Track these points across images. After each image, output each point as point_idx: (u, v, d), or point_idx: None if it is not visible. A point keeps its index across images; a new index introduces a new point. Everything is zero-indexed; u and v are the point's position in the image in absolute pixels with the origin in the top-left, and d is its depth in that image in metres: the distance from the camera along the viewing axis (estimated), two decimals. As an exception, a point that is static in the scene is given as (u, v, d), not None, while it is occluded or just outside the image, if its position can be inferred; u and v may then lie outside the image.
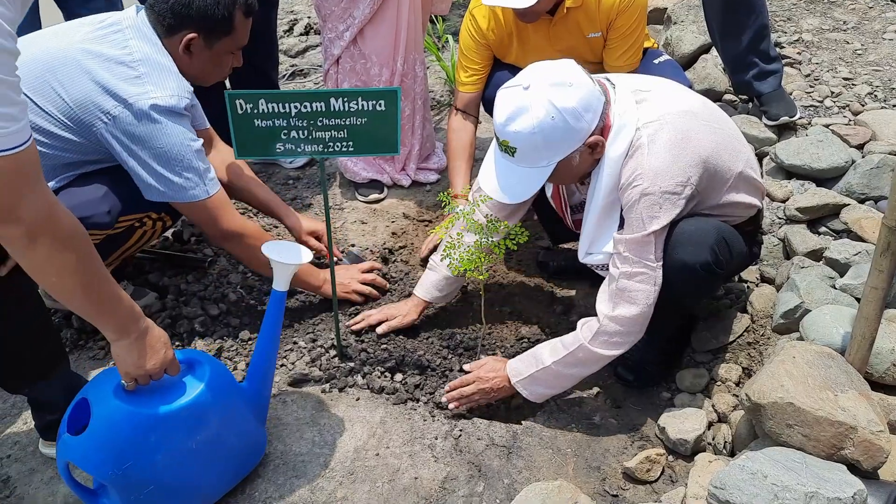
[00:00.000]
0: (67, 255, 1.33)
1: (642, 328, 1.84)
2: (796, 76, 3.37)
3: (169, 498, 1.66)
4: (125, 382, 1.55)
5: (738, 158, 1.90)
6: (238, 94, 1.76)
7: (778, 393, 1.60)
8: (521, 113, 1.71)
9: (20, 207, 1.22)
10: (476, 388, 2.01)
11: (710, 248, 1.79)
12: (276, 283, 1.77)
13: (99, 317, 1.46)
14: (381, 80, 2.87)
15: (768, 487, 1.45)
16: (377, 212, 3.02)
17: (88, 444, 1.54)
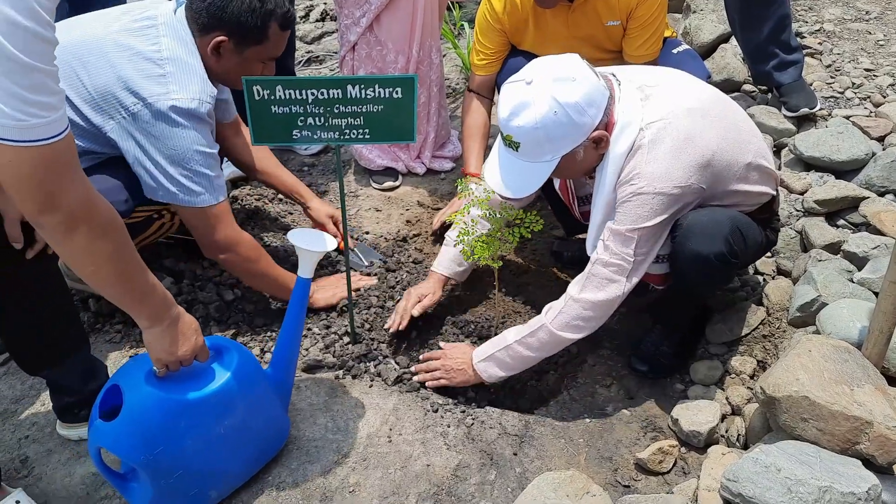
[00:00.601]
0: (105, 244, 1.33)
1: (604, 316, 1.87)
2: (817, 67, 3.33)
3: (197, 482, 1.67)
4: (156, 369, 1.56)
5: (747, 150, 1.88)
6: (255, 80, 1.76)
7: (793, 386, 1.60)
8: (523, 108, 1.70)
9: (60, 196, 1.23)
10: (440, 365, 2.07)
11: (725, 239, 1.78)
12: (301, 270, 1.77)
13: (133, 305, 1.47)
14: (397, 66, 2.86)
15: (782, 481, 1.45)
16: (391, 199, 3.02)
17: (120, 430, 1.55)
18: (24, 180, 1.19)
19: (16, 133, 1.13)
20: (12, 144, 1.14)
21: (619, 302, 1.85)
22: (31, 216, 1.25)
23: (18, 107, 1.11)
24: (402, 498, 1.77)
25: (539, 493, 1.61)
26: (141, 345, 2.24)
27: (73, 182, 1.25)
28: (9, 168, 1.17)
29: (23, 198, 1.22)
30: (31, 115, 1.13)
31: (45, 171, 1.19)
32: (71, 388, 1.85)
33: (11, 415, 2.02)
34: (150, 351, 1.54)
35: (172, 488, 1.63)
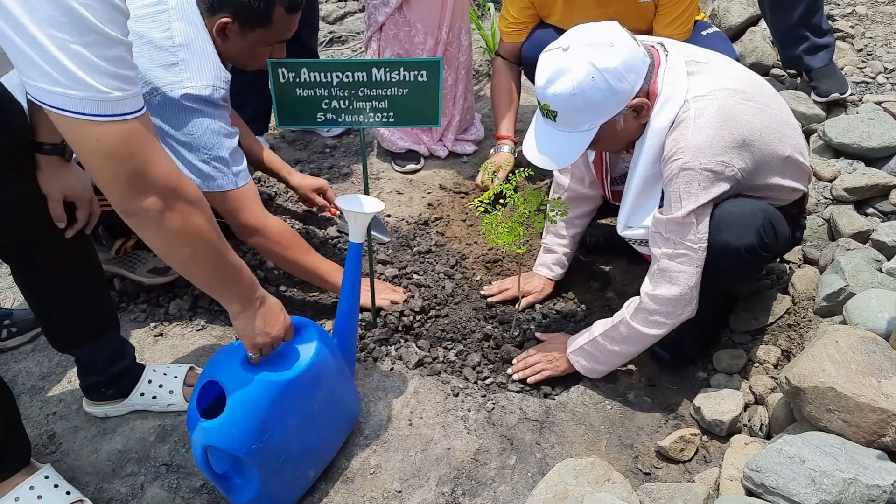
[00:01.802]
0: (199, 220, 1.31)
1: (685, 309, 1.81)
2: (848, 51, 3.26)
3: (298, 464, 1.69)
4: (251, 355, 1.55)
5: (786, 143, 1.85)
6: (280, 62, 1.76)
7: (819, 377, 1.58)
8: (560, 75, 1.68)
9: (149, 172, 1.21)
10: (541, 357, 2.06)
11: (756, 231, 1.76)
12: (352, 235, 1.76)
13: (226, 288, 1.45)
14: (425, 48, 2.84)
15: (806, 472, 1.44)
16: (413, 182, 3.02)
17: (229, 424, 1.52)
18: (114, 158, 1.16)
19: (102, 107, 1.12)
20: (99, 120, 1.12)
21: (695, 293, 1.80)
22: (123, 200, 1.22)
23: (103, 80, 1.10)
24: (422, 480, 1.78)
25: (560, 479, 1.61)
26: (164, 323, 2.27)
27: (161, 156, 1.23)
28: (96, 147, 1.14)
29: (113, 179, 1.19)
30: (116, 89, 1.12)
31: (135, 145, 1.17)
32: (99, 367, 1.88)
33: (39, 391, 2.06)
34: (244, 338, 1.52)
35: (278, 474, 1.63)
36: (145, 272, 2.32)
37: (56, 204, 1.59)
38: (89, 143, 1.14)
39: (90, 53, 1.08)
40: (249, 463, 1.57)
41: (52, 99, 1.10)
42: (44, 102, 1.11)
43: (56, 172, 1.58)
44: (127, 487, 1.78)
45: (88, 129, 1.13)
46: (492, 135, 3.25)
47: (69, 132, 1.15)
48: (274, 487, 1.64)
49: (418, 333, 2.21)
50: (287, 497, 1.71)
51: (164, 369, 1.98)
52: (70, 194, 1.61)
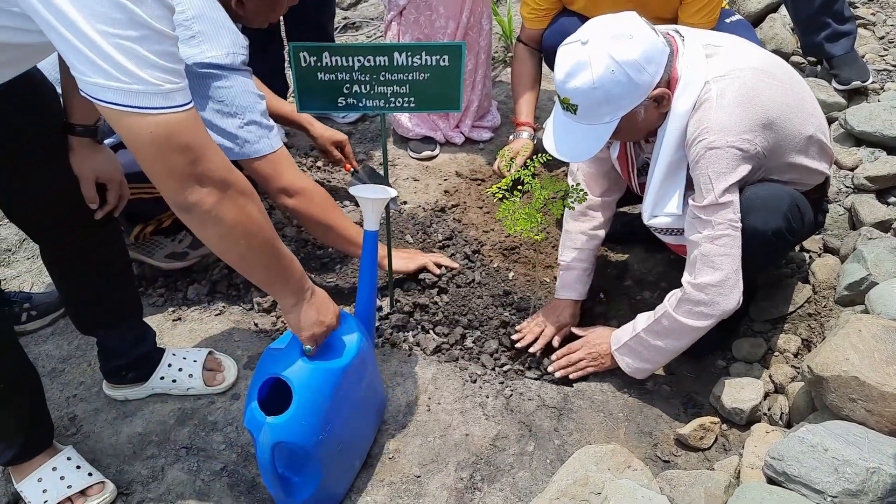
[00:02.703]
0: (253, 211, 1.31)
1: (729, 296, 1.73)
2: (870, 38, 3.22)
3: (350, 452, 1.70)
4: (308, 347, 1.54)
5: (809, 122, 1.83)
6: (302, 46, 1.75)
7: (842, 366, 1.57)
8: (580, 69, 1.67)
9: (205, 162, 1.21)
10: (584, 354, 2.02)
11: (784, 215, 1.74)
12: (367, 223, 1.76)
13: (281, 280, 1.45)
14: (446, 32, 2.83)
15: (828, 461, 1.43)
16: (429, 169, 3.01)
17: (297, 417, 1.51)
18: (168, 151, 1.16)
19: (154, 100, 1.12)
20: (152, 112, 1.13)
21: (738, 277, 1.73)
22: (178, 193, 1.21)
23: (155, 73, 1.11)
24: (441, 465, 1.79)
25: (580, 465, 1.61)
26: (182, 308, 2.28)
27: (214, 148, 1.24)
28: (150, 140, 1.15)
29: (168, 171, 1.19)
30: (167, 81, 1.13)
31: (188, 137, 1.18)
32: (120, 350, 1.89)
33: (59, 374, 2.07)
34: (301, 330, 1.52)
35: (335, 465, 1.64)
36: (163, 257, 2.33)
37: (88, 185, 1.60)
38: (143, 136, 1.14)
39: (142, 48, 1.09)
40: (314, 456, 1.56)
41: (105, 94, 1.11)
42: (97, 98, 1.12)
43: (88, 154, 1.60)
44: (147, 470, 1.79)
45: (142, 122, 1.13)
46: (508, 121, 3.23)
47: (123, 127, 1.15)
48: (331, 480, 1.64)
49: (437, 322, 2.21)
50: (340, 489, 1.71)
51: (184, 353, 1.99)
52: (101, 176, 1.62)
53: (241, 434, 1.87)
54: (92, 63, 1.08)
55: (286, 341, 1.61)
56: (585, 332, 2.09)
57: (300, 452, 1.55)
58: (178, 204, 1.23)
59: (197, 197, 1.22)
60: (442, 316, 2.22)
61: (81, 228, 1.65)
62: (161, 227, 2.31)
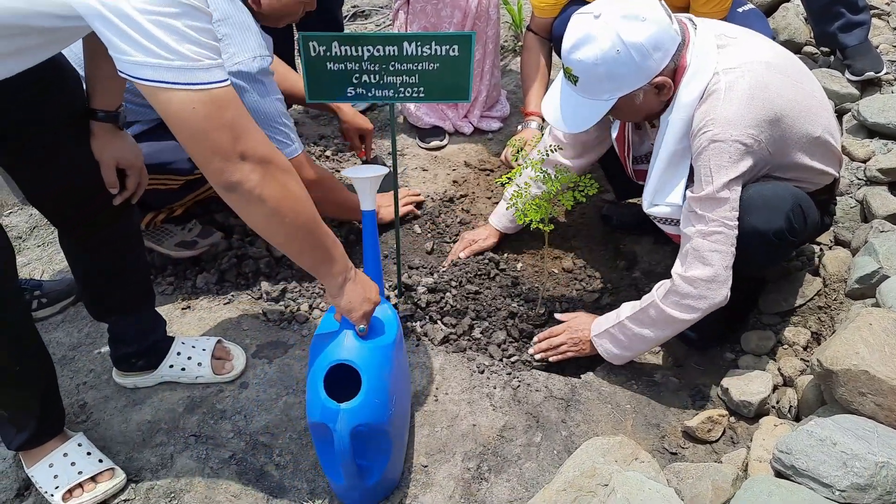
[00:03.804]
0: (296, 188, 1.31)
1: (718, 292, 1.73)
2: (884, 28, 3.18)
3: (404, 428, 1.74)
4: (361, 326, 1.55)
5: (817, 122, 1.81)
6: (312, 35, 1.74)
7: (852, 360, 1.56)
8: (586, 42, 1.66)
9: (247, 138, 1.21)
10: (566, 338, 2.02)
11: (785, 215, 1.73)
12: (364, 204, 1.78)
13: (327, 259, 1.44)
14: (453, 21, 2.81)
15: (837, 455, 1.43)
16: (438, 159, 3.00)
17: (369, 399, 1.52)
18: (211, 127, 1.17)
19: (195, 76, 1.13)
20: (194, 88, 1.14)
21: (728, 274, 1.72)
22: (222, 172, 1.21)
23: (194, 49, 1.12)
24: (448, 455, 1.79)
25: (588, 457, 1.61)
26: (192, 297, 2.28)
27: (253, 125, 1.24)
28: (193, 116, 1.15)
29: (212, 148, 1.19)
30: (206, 57, 1.14)
31: (231, 113, 1.18)
32: (131, 338, 1.90)
33: (70, 361, 2.08)
34: (352, 310, 1.52)
35: (400, 442, 1.67)
36: (173, 246, 2.34)
37: (109, 170, 1.62)
38: (185, 112, 1.15)
39: (180, 23, 1.10)
40: (387, 433, 1.58)
41: (146, 71, 1.11)
42: (137, 76, 1.12)
43: (110, 140, 1.61)
44: (157, 457, 1.81)
45: (183, 97, 1.14)
46: (517, 111, 3.22)
47: (163, 104, 1.15)
48: (396, 458, 1.66)
49: (444, 311, 2.21)
50: (400, 467, 1.73)
51: (193, 342, 2.00)
52: (122, 161, 1.64)
53: (249, 422, 1.88)
54: (132, 40, 1.09)
55: (330, 327, 1.60)
56: (568, 318, 2.09)
57: (375, 433, 1.55)
58: (222, 183, 1.23)
59: (241, 175, 1.22)
60: (450, 306, 2.21)
61: (101, 214, 1.66)
62: (172, 215, 2.32)
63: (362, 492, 1.62)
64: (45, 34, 1.26)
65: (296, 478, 1.75)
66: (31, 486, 1.75)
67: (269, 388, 1.98)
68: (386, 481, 1.67)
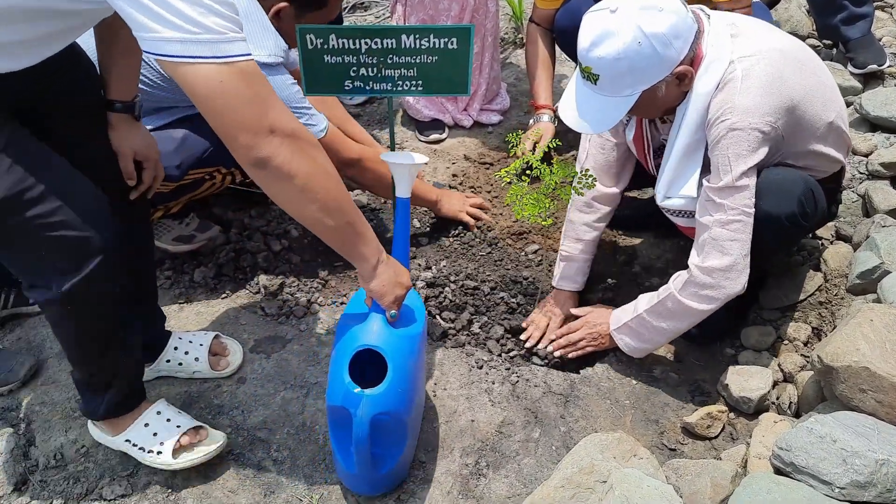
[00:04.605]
0: (324, 161, 1.29)
1: (736, 281, 1.72)
2: (887, 21, 3.16)
3: (417, 423, 1.72)
4: (392, 312, 1.52)
5: (830, 108, 1.81)
6: (309, 28, 1.72)
7: (853, 356, 1.55)
8: (606, 37, 1.63)
9: (273, 111, 1.19)
10: (584, 334, 2.02)
11: (798, 199, 1.72)
12: (399, 190, 1.77)
13: (361, 241, 1.41)
14: (451, 14, 2.79)
15: (837, 452, 1.42)
16: (437, 152, 2.98)
17: (394, 386, 1.50)
18: (239, 99, 1.15)
19: (221, 48, 1.12)
20: (220, 61, 1.13)
21: (746, 262, 1.72)
22: (251, 146, 1.19)
23: (218, 21, 1.12)
24: (446, 451, 1.79)
25: (586, 453, 1.60)
26: (190, 293, 2.27)
27: (278, 98, 1.22)
28: (220, 90, 1.14)
29: (240, 121, 1.17)
30: (230, 30, 1.13)
31: (257, 86, 1.17)
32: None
33: (67, 356, 2.08)
34: (384, 295, 1.49)
35: (414, 430, 1.66)
36: (171, 240, 2.33)
37: (126, 161, 1.61)
38: (213, 86, 1.14)
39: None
40: (405, 424, 1.55)
41: (173, 47, 1.11)
42: (164, 54, 1.12)
43: (127, 131, 1.61)
44: (154, 452, 1.80)
45: (211, 71, 1.13)
46: (517, 105, 3.21)
47: (190, 79, 1.14)
48: (409, 450, 1.65)
49: (443, 306, 2.20)
50: (410, 459, 1.72)
51: (190, 337, 1.99)
52: (139, 153, 1.64)
53: (246, 418, 1.87)
54: (158, 16, 1.08)
55: (359, 309, 1.58)
56: (585, 312, 2.08)
57: (394, 423, 1.53)
58: (251, 159, 1.21)
59: (270, 149, 1.20)
60: (449, 301, 2.20)
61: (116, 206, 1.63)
62: (169, 212, 2.31)
63: (371, 481, 1.61)
64: (66, 18, 1.25)
65: (293, 473, 1.75)
66: (27, 480, 1.74)
67: (266, 382, 1.97)
68: (396, 473, 1.65)
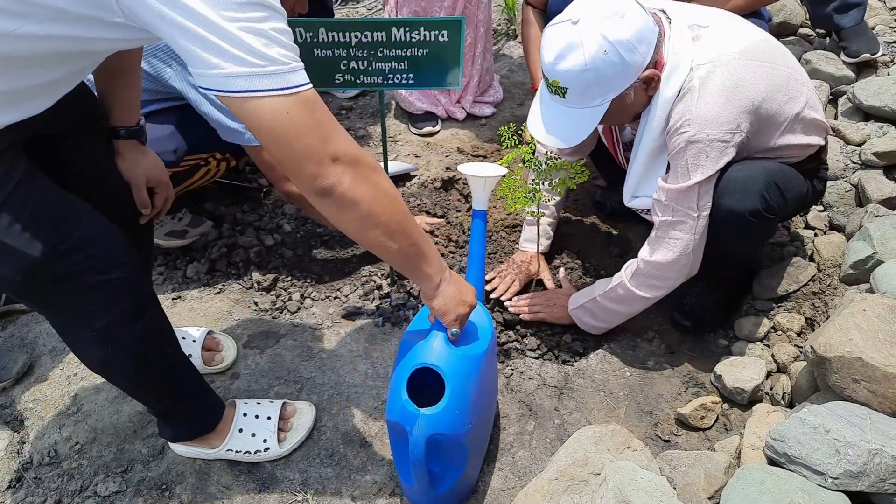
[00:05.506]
0: (387, 185, 1.26)
1: (680, 274, 1.84)
2: (881, 10, 3.16)
3: (483, 438, 1.68)
4: (453, 331, 1.49)
5: (797, 100, 1.79)
6: (297, 21, 1.71)
7: (846, 346, 1.55)
8: (571, 49, 1.61)
9: (335, 139, 1.17)
10: (543, 300, 2.10)
11: (759, 194, 1.73)
12: (476, 202, 1.77)
13: (424, 260, 1.38)
14: (444, 6, 2.77)
15: (830, 442, 1.42)
16: (431, 145, 2.97)
17: (450, 408, 1.46)
18: (304, 131, 1.12)
19: (285, 80, 1.09)
20: (288, 93, 1.09)
21: (691, 258, 1.81)
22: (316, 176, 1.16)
23: (281, 52, 1.09)
24: (440, 445, 1.79)
25: (580, 446, 1.60)
26: (182, 287, 2.27)
27: (338, 124, 1.20)
28: (287, 122, 1.11)
29: (306, 152, 1.14)
30: (293, 59, 1.10)
31: (319, 114, 1.14)
32: None
33: (60, 353, 2.07)
34: (447, 313, 1.46)
35: (476, 452, 1.61)
36: (163, 235, 2.32)
37: (140, 190, 1.59)
38: (280, 119, 1.10)
39: (268, 27, 1.07)
40: (463, 446, 1.51)
41: (238, 83, 1.07)
42: (227, 90, 1.08)
43: (137, 158, 1.58)
44: (148, 448, 1.80)
45: (277, 104, 1.09)
46: (510, 96, 3.19)
47: (255, 114, 1.10)
48: (470, 468, 1.60)
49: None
50: (474, 477, 1.68)
51: (183, 333, 1.99)
52: (151, 178, 1.61)
53: (241, 413, 1.87)
54: (222, 51, 1.04)
55: (422, 326, 1.55)
56: (552, 288, 2.20)
57: (449, 444, 1.49)
58: (316, 189, 1.18)
59: (334, 178, 1.17)
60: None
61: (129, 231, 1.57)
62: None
63: (431, 498, 1.58)
64: (97, 56, 1.25)
65: (287, 468, 1.75)
66: (22, 477, 1.74)
67: (260, 378, 1.97)
68: (457, 492, 1.62)
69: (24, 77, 1.17)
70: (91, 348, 1.44)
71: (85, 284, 1.33)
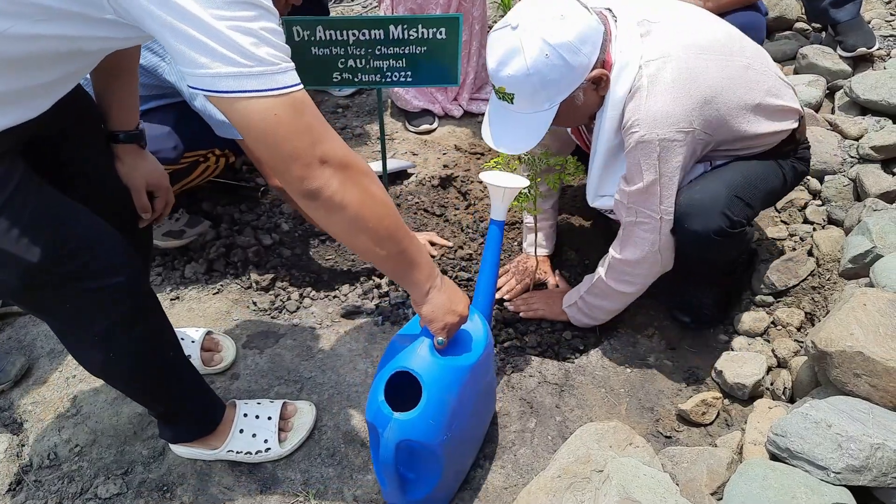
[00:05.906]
0: (376, 190, 1.25)
1: (651, 270, 1.86)
2: (876, 3, 3.16)
3: (465, 451, 1.65)
4: (440, 339, 1.46)
5: (754, 89, 1.76)
6: (295, 20, 1.71)
7: (846, 341, 1.55)
8: (513, 55, 1.59)
9: (326, 141, 1.16)
10: (541, 296, 2.14)
11: (720, 214, 1.72)
12: (494, 212, 1.75)
13: (414, 266, 1.37)
14: (439, 3, 2.77)
15: (832, 437, 1.42)
16: (428, 143, 2.97)
17: (426, 415, 1.44)
18: (293, 132, 1.11)
19: (275, 80, 1.08)
20: (277, 94, 1.08)
21: (662, 254, 1.81)
22: (304, 178, 1.15)
23: (271, 52, 1.07)
24: (442, 444, 1.78)
25: (582, 443, 1.60)
26: (181, 287, 2.26)
27: (329, 126, 1.19)
28: (275, 123, 1.10)
29: (293, 153, 1.13)
30: (283, 60, 1.09)
31: (309, 116, 1.13)
32: None
33: (58, 354, 2.06)
34: (435, 321, 1.44)
35: (454, 465, 1.58)
36: (161, 235, 2.31)
37: (140, 194, 1.57)
38: (268, 120, 1.09)
39: (258, 27, 1.06)
40: (438, 455, 1.49)
41: (226, 83, 1.06)
42: (216, 90, 1.07)
43: (137, 162, 1.57)
44: (148, 450, 1.79)
45: (266, 105, 1.08)
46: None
47: (244, 115, 1.10)
48: (447, 481, 1.59)
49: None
50: (453, 487, 1.66)
51: (182, 334, 1.98)
52: (151, 182, 1.60)
53: (241, 414, 1.87)
54: (210, 50, 1.03)
55: (413, 330, 1.54)
56: (552, 288, 2.23)
57: (424, 451, 1.48)
58: (303, 191, 1.17)
59: (322, 180, 1.16)
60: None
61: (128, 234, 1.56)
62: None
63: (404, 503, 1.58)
64: (93, 56, 1.23)
65: (289, 469, 1.74)
66: (22, 480, 1.73)
67: (260, 378, 1.96)
68: (431, 501, 1.60)
69: (19, 78, 1.16)
70: (91, 352, 1.43)
71: (84, 288, 1.32)
